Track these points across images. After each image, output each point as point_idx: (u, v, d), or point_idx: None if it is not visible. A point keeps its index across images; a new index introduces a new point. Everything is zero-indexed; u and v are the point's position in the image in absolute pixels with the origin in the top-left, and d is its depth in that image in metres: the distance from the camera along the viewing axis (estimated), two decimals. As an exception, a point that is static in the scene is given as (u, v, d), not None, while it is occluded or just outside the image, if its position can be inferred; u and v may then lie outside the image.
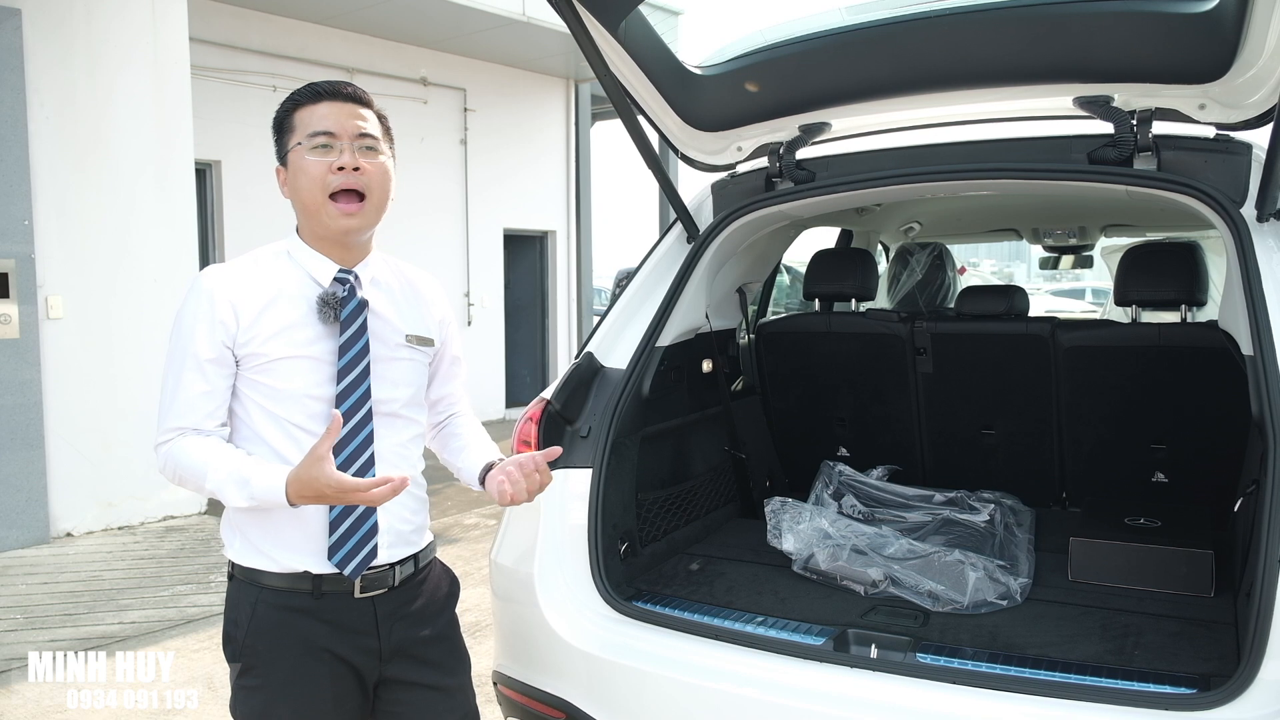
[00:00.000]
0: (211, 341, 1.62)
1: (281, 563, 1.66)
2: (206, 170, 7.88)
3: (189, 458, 1.60)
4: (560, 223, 11.22)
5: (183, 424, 1.62)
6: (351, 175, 1.64)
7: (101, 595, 4.68)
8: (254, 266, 1.70)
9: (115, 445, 5.90)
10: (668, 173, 2.74)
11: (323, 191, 1.65)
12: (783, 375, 3.56)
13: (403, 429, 1.75)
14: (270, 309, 1.64)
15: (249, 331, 1.63)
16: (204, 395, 1.63)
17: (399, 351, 1.74)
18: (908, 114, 2.70)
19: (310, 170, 1.65)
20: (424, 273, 1.90)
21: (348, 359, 1.65)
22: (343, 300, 1.66)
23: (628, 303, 2.68)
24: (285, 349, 1.63)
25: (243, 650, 1.68)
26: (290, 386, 1.63)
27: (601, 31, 2.31)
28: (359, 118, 1.68)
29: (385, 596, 1.72)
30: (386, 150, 1.72)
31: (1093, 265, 6.20)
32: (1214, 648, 2.07)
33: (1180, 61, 2.21)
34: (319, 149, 1.64)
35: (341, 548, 1.65)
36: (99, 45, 5.81)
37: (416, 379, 1.79)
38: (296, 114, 1.68)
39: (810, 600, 2.42)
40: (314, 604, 1.66)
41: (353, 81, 1.81)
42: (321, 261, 1.71)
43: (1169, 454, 3.02)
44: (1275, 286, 1.99)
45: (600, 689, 2.17)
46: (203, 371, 1.62)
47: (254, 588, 1.68)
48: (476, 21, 8.62)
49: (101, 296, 5.85)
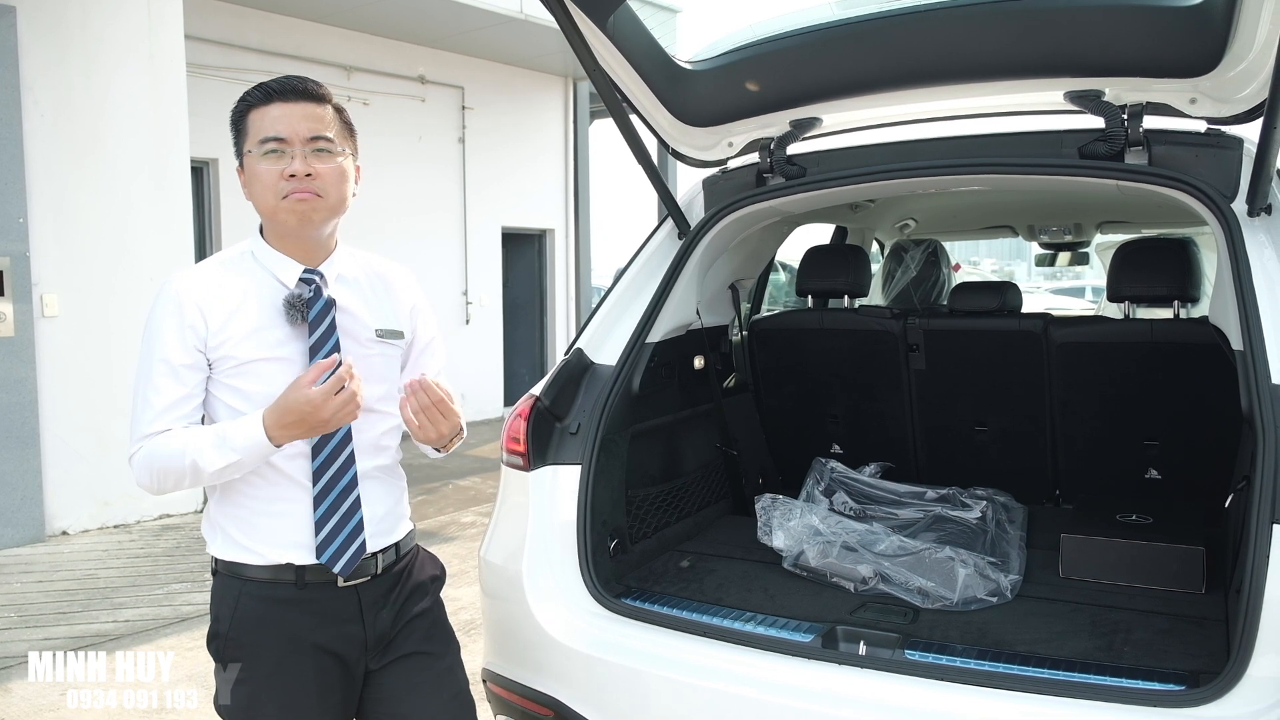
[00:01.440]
0: (184, 346, 1.62)
1: (264, 555, 1.66)
2: (203, 168, 7.88)
3: (163, 449, 1.59)
4: (559, 221, 11.22)
5: (154, 430, 1.61)
6: (304, 181, 1.63)
7: (96, 594, 4.68)
8: (220, 270, 1.70)
9: (111, 443, 5.89)
10: (659, 169, 2.73)
11: (275, 197, 1.64)
12: (775, 372, 3.56)
13: (378, 423, 1.75)
14: (239, 312, 1.64)
15: (219, 335, 1.63)
16: (180, 399, 1.62)
17: (370, 347, 1.74)
18: (899, 109, 2.69)
19: (263, 178, 1.64)
20: (393, 263, 1.89)
21: (319, 359, 1.64)
22: (309, 301, 1.66)
23: (618, 299, 2.67)
24: (255, 351, 1.63)
25: (227, 644, 1.68)
26: (262, 389, 1.62)
27: (590, 26, 2.30)
28: (311, 118, 1.65)
29: (369, 585, 1.72)
30: (343, 149, 1.69)
31: (1089, 262, 6.18)
32: (1204, 644, 2.06)
33: (1171, 56, 2.20)
34: (270, 155, 1.63)
35: (330, 544, 1.65)
36: (95, 44, 5.81)
37: (389, 373, 1.79)
38: (249, 116, 1.67)
39: (800, 597, 2.41)
40: (297, 595, 1.66)
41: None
42: (285, 262, 1.70)
43: (1161, 450, 3.01)
44: (1265, 281, 1.98)
45: (589, 687, 2.17)
46: (176, 376, 1.62)
47: (237, 581, 1.68)
48: (475, 19, 8.62)
49: (97, 295, 5.85)
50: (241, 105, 1.69)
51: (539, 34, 8.95)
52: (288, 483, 1.66)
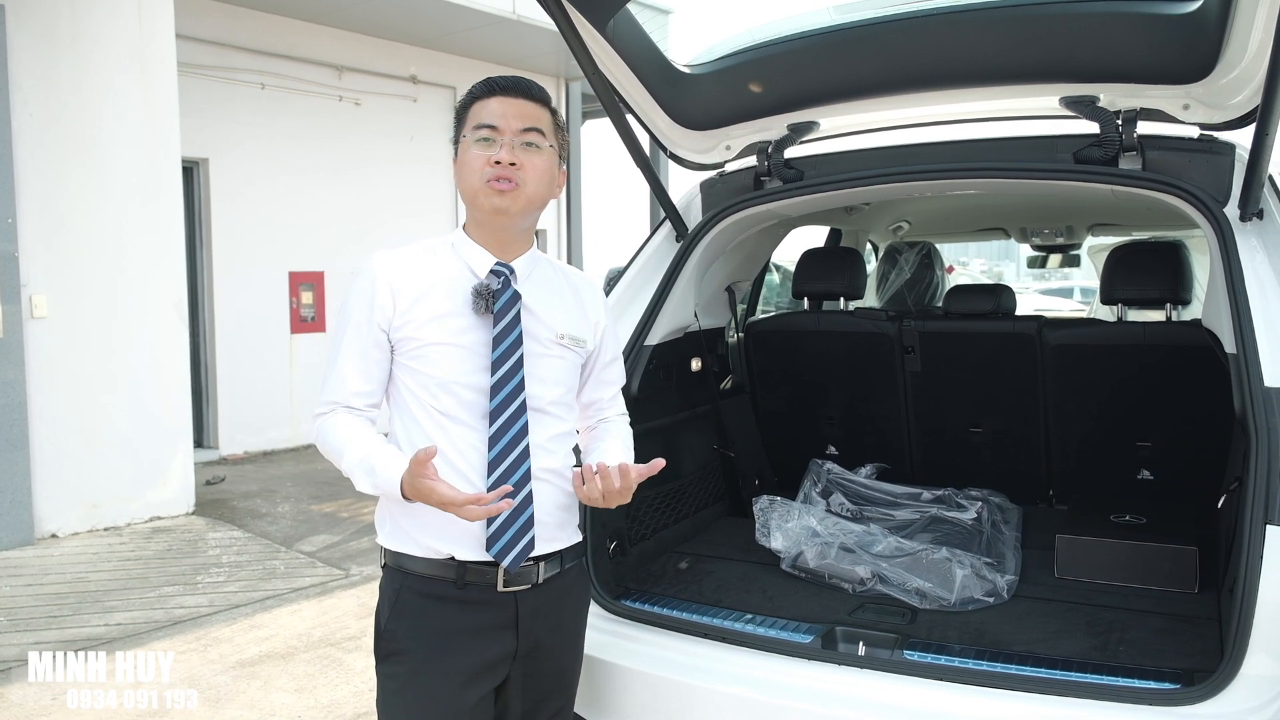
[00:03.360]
0: (370, 322, 1.69)
1: (428, 547, 1.68)
2: (194, 168, 7.85)
3: (334, 435, 1.68)
4: (551, 222, 11.21)
5: (336, 399, 1.70)
6: (507, 169, 1.68)
7: (87, 597, 4.65)
8: (420, 254, 1.76)
9: (101, 446, 5.86)
10: (657, 172, 2.74)
11: (479, 180, 1.69)
12: (771, 374, 3.57)
13: (550, 425, 1.76)
14: (427, 296, 1.70)
15: (405, 315, 1.68)
16: (358, 373, 1.69)
17: (551, 349, 1.77)
18: (896, 113, 2.71)
19: (471, 162, 1.71)
20: (586, 276, 1.93)
21: (501, 350, 1.68)
22: (496, 292, 1.70)
23: (616, 301, 2.68)
24: (437, 335, 1.68)
25: (384, 636, 1.71)
26: (441, 373, 1.67)
27: (590, 30, 2.32)
28: (525, 114, 1.71)
29: (528, 594, 1.73)
30: (550, 146, 1.75)
31: (1080, 264, 6.23)
32: (1198, 643, 2.08)
33: (1165, 62, 2.22)
34: (481, 142, 1.70)
35: (500, 538, 1.67)
36: (85, 43, 5.77)
37: (566, 378, 1.80)
38: (472, 107, 1.74)
39: (798, 598, 2.43)
40: (457, 593, 1.68)
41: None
42: (480, 254, 1.75)
43: (1154, 451, 3.04)
44: (1258, 285, 2.01)
45: (589, 688, 2.17)
46: (359, 349, 1.69)
47: (400, 574, 1.72)
48: (467, 19, 8.61)
49: (86, 296, 5.81)
50: (467, 98, 1.76)
51: (531, 34, 8.95)
52: (460, 476, 1.66)
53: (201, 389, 7.97)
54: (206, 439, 8.06)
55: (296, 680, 3.67)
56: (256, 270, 8.25)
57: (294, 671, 3.76)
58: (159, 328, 6.14)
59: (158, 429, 6.14)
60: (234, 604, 4.55)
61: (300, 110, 8.43)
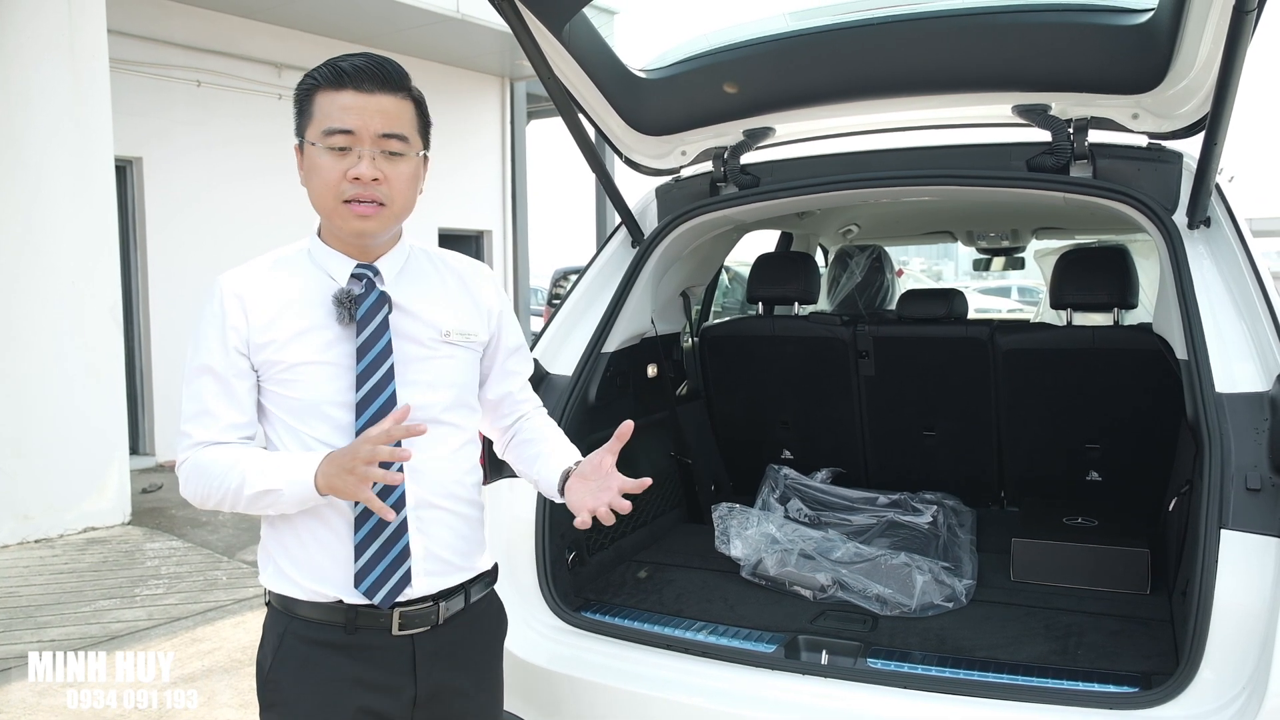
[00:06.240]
0: (225, 348, 1.49)
1: (311, 590, 1.51)
2: (127, 167, 7.59)
3: (214, 462, 1.47)
4: (496, 222, 11.11)
5: (206, 438, 1.49)
6: (369, 187, 1.47)
7: (18, 613, 4.46)
8: (272, 267, 1.56)
9: (29, 454, 5.63)
10: (612, 177, 2.71)
11: (335, 199, 1.48)
12: (726, 379, 3.57)
13: (448, 436, 1.57)
14: (286, 312, 1.50)
15: (264, 334, 1.49)
16: (228, 406, 1.50)
17: (437, 350, 1.57)
18: (851, 120, 2.72)
19: (324, 174, 1.47)
20: (472, 261, 1.74)
21: (366, 362, 1.49)
22: (359, 298, 1.50)
23: (572, 308, 2.65)
24: (302, 354, 1.49)
25: (267, 684, 1.55)
26: (310, 396, 1.49)
27: (545, 34, 2.28)
28: (387, 113, 1.47)
29: (427, 636, 1.55)
30: (414, 148, 1.53)
31: (1024, 266, 6.36)
32: (1153, 645, 2.12)
33: (1115, 72, 2.26)
34: (334, 150, 1.46)
35: (370, 573, 1.49)
36: (11, 35, 5.54)
37: (460, 378, 1.61)
38: (317, 96, 1.48)
39: (760, 606, 2.42)
40: (345, 639, 1.51)
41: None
42: (340, 259, 1.55)
43: (1103, 453, 3.10)
44: (1206, 292, 2.05)
45: (549, 702, 2.14)
46: (221, 383, 1.50)
47: (285, 617, 1.54)
48: (409, 18, 8.47)
49: (15, 299, 5.58)
50: (309, 82, 1.49)
51: (476, 33, 8.85)
52: (335, 511, 1.50)
53: (137, 394, 7.71)
54: (142, 445, 7.81)
55: (241, 695, 3.56)
56: (193, 272, 7.99)
57: (238, 686, 3.64)
58: (93, 332, 5.91)
59: (92, 436, 5.91)
60: (174, 617, 4.41)
61: (239, 109, 8.20)
